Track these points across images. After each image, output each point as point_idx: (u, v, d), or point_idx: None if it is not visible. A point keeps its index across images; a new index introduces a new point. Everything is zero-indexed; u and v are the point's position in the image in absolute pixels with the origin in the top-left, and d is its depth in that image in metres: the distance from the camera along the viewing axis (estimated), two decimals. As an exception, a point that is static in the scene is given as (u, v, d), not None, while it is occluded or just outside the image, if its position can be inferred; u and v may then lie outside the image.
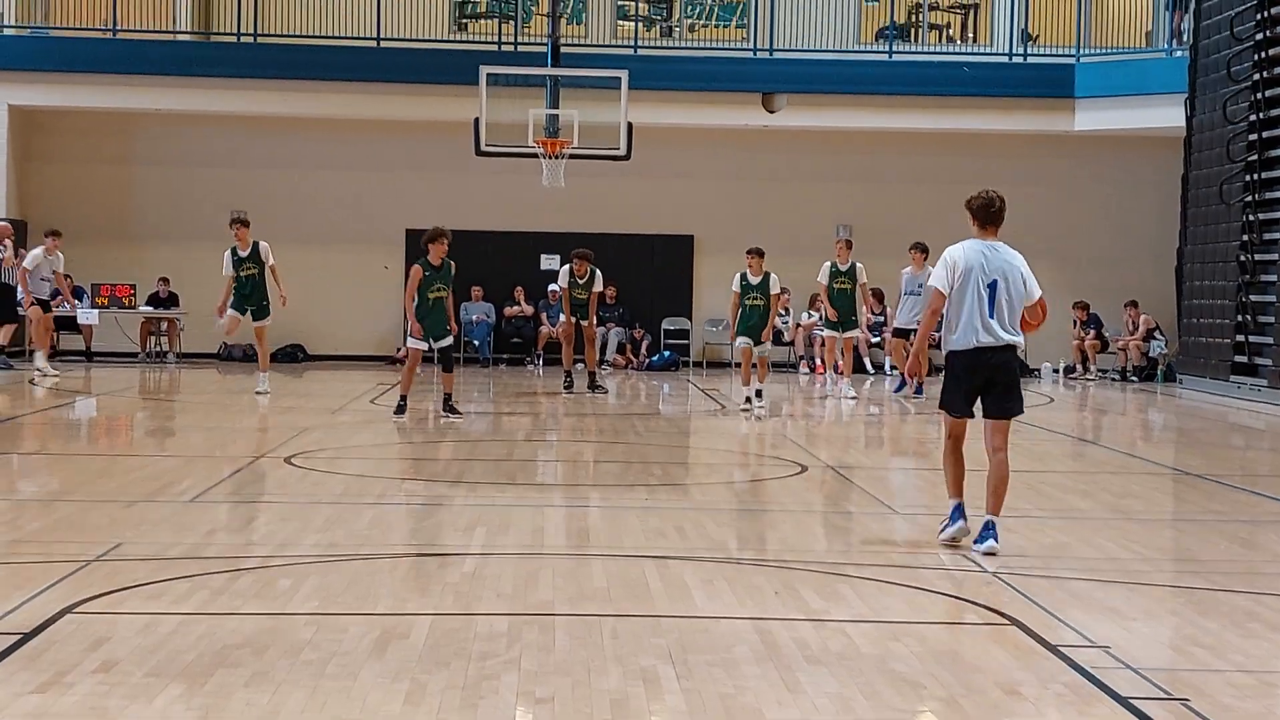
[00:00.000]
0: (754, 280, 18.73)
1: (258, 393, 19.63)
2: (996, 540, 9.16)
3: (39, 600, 7.45)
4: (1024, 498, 12.04)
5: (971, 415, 9.53)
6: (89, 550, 8.75)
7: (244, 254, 19.97)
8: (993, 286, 9.43)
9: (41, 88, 26.37)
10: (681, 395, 22.83)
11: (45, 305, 23.15)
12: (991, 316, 9.34)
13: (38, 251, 22.80)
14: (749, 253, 18.98)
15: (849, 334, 21.80)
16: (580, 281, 21.32)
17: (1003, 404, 9.39)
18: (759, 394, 18.80)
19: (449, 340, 17.20)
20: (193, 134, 27.82)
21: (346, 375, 24.64)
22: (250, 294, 19.85)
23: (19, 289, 23.13)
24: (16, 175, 26.77)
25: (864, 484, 12.73)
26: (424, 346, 17.06)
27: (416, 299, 16.94)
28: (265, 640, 6.80)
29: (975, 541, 9.27)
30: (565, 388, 21.26)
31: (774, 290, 18.77)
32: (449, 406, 17.22)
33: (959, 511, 9.46)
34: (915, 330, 21.28)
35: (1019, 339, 9.46)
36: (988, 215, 9.74)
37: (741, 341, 18.92)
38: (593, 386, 21.34)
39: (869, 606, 7.86)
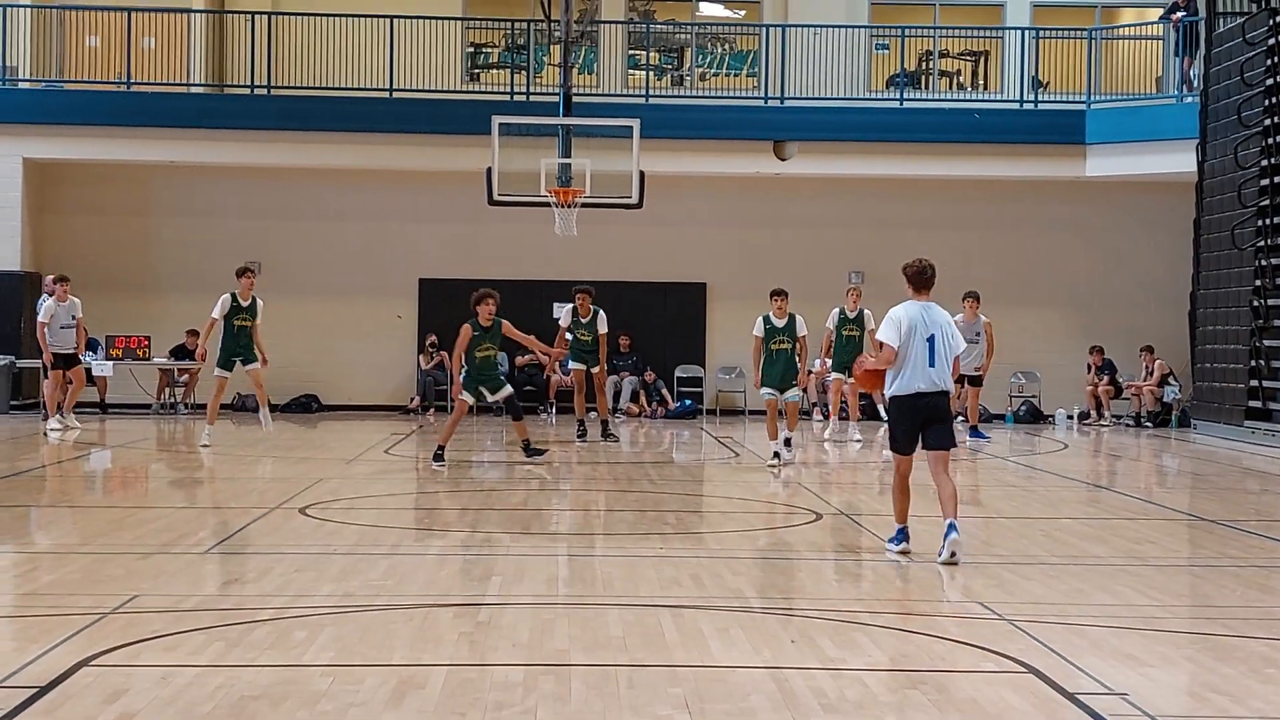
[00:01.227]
0: (779, 323, 17.71)
1: (266, 429, 20.03)
2: (957, 533, 10.67)
3: (55, 653, 7.45)
4: (1039, 545, 12.02)
5: (913, 451, 10.93)
6: (105, 602, 8.76)
7: (244, 304, 19.79)
8: (930, 340, 10.79)
9: (56, 140, 26.53)
10: (695, 443, 22.81)
11: (73, 359, 22.22)
12: (932, 365, 10.75)
13: (50, 302, 22.22)
14: (773, 294, 17.74)
15: (850, 380, 21.85)
16: (583, 321, 20.92)
17: (942, 438, 10.86)
18: (788, 443, 18.19)
19: (508, 390, 17.70)
20: (206, 185, 27.96)
21: (360, 425, 24.66)
22: (242, 345, 19.71)
23: (66, 342, 22.09)
24: (31, 227, 26.90)
25: (879, 531, 12.70)
26: (472, 400, 17.47)
27: (465, 359, 17.44)
28: (282, 691, 6.79)
29: (945, 536, 10.65)
30: (579, 437, 21.11)
31: (801, 333, 17.76)
32: (529, 449, 17.56)
33: (904, 533, 11.02)
34: (971, 376, 21.70)
35: (951, 386, 10.96)
36: (921, 281, 11.16)
37: (766, 393, 17.83)
38: (605, 435, 21.23)
39: (886, 654, 7.84)
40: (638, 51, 29.21)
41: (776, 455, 17.78)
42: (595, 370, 21.16)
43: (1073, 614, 8.95)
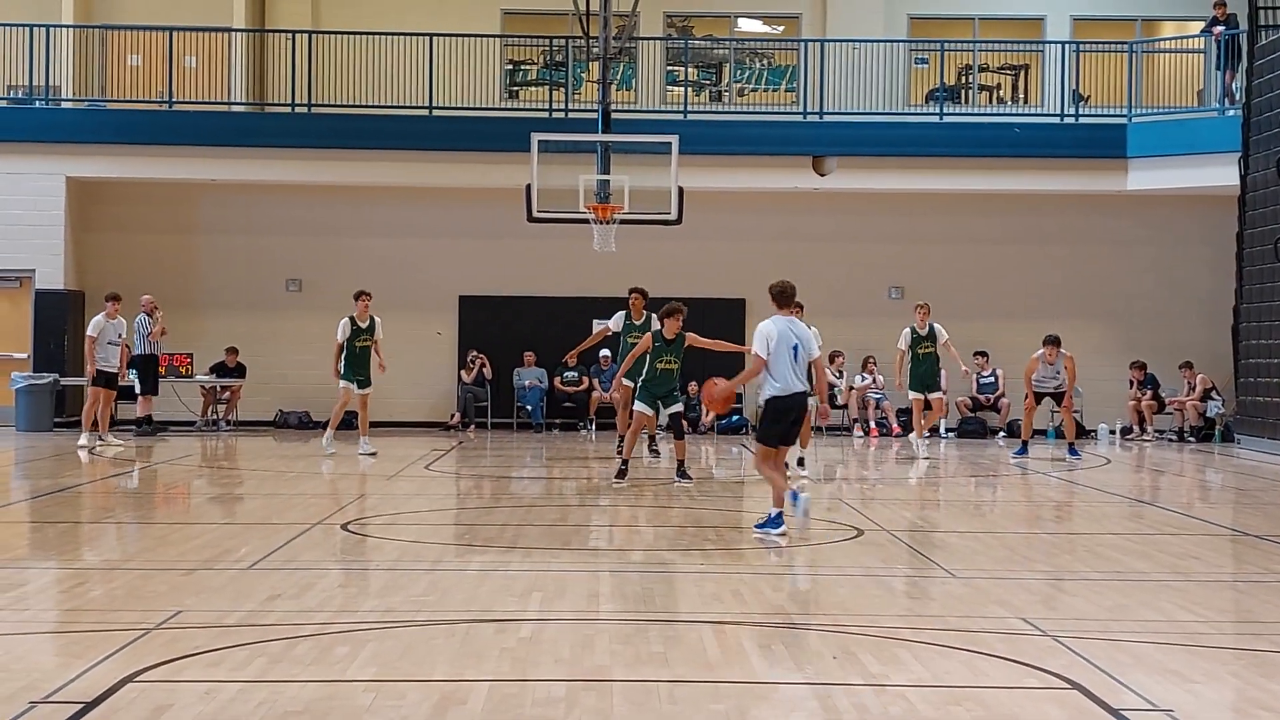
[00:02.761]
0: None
1: (363, 454, 20.89)
2: (806, 495, 12.84)
3: (100, 669, 7.49)
4: (1083, 560, 11.97)
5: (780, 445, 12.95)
6: (149, 618, 8.80)
7: (363, 325, 21.17)
8: (795, 349, 12.57)
9: (99, 160, 26.70)
10: (736, 458, 22.77)
11: (113, 379, 22.63)
12: (796, 367, 12.58)
13: (99, 318, 22.58)
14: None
15: (934, 395, 22.00)
16: (636, 325, 19.63)
17: (795, 433, 13.08)
18: (801, 462, 18.20)
19: (679, 406, 17.68)
20: (248, 203, 28.10)
21: (401, 441, 24.70)
22: (363, 365, 21.13)
23: (111, 359, 22.52)
24: (75, 246, 27.08)
25: (920, 547, 12.67)
26: (650, 412, 17.57)
27: (645, 366, 17.39)
28: (324, 707, 6.81)
29: (795, 500, 12.70)
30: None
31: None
32: (682, 472, 17.35)
33: (781, 517, 12.80)
34: (1050, 393, 22.46)
35: (809, 388, 13.02)
36: (784, 299, 12.85)
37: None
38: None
39: (929, 671, 7.81)
40: (676, 67, 29.24)
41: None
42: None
43: (1117, 630, 8.91)
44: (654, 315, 19.68)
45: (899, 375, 22.30)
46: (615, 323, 20.44)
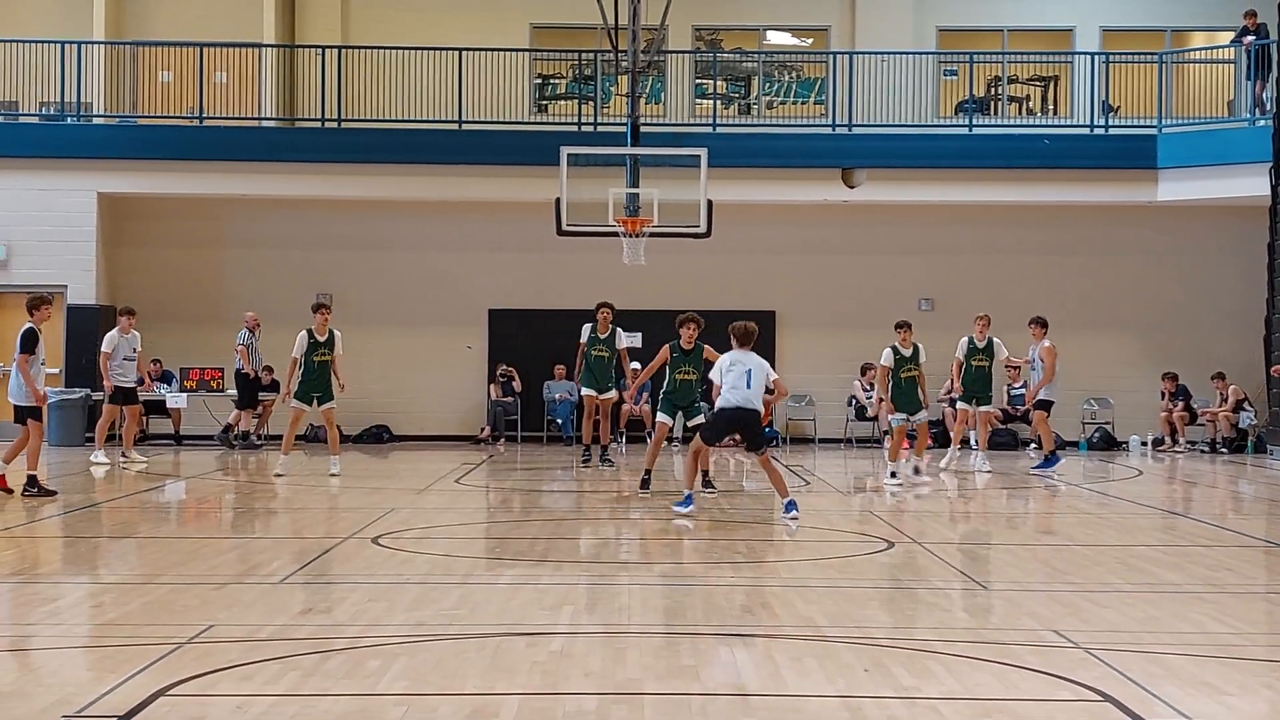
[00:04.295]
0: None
1: (331, 475, 19.81)
2: (796, 510, 14.90)
3: (133, 683, 7.51)
4: (1114, 572, 11.92)
5: (716, 444, 16.01)
6: (181, 632, 8.83)
7: (321, 339, 20.16)
8: (748, 373, 14.68)
9: (130, 175, 26.85)
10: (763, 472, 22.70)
11: (133, 394, 22.35)
12: (749, 389, 14.64)
13: (113, 333, 22.26)
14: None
15: (984, 409, 21.89)
16: (601, 338, 20.82)
17: (756, 443, 14.96)
18: (707, 481, 18.16)
19: (701, 418, 17.82)
20: (279, 218, 28.21)
21: (431, 455, 24.74)
22: (319, 380, 20.08)
23: (129, 373, 22.11)
24: (106, 261, 27.22)
25: (951, 559, 12.63)
26: (670, 421, 17.78)
27: (667, 376, 17.68)
28: (356, 721, 6.82)
29: (786, 511, 14.79)
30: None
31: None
32: (706, 482, 17.40)
33: (691, 498, 15.22)
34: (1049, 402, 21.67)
35: (760, 407, 14.94)
36: (746, 338, 14.93)
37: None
38: (603, 460, 21.12)
39: (961, 683, 7.78)
40: (704, 81, 29.26)
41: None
42: (607, 396, 21.03)
43: (1149, 642, 8.87)
44: (620, 330, 21.07)
45: (956, 382, 22.07)
46: (583, 336, 21.13)
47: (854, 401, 27.70)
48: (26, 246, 26.65)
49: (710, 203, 23.18)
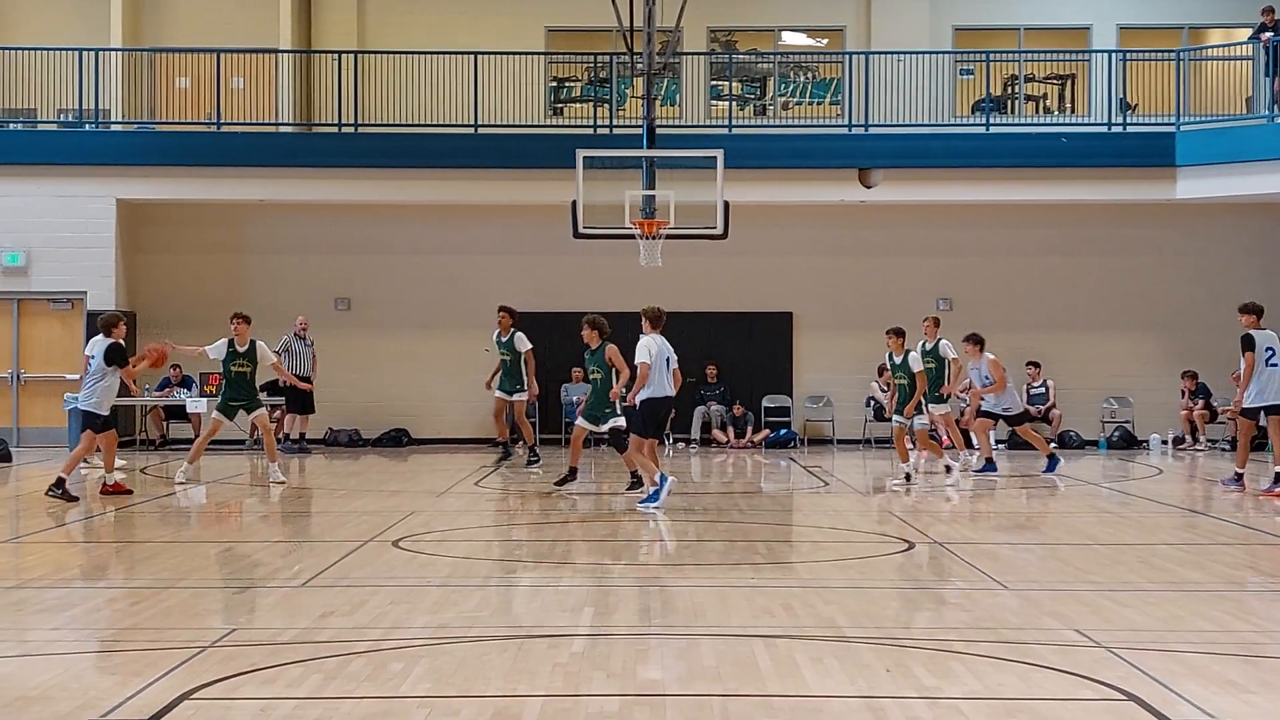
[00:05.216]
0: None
1: (274, 482, 19.49)
2: (671, 479, 16.26)
3: (157, 686, 7.54)
4: (1136, 570, 11.90)
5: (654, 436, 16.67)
6: (204, 636, 8.86)
7: (241, 349, 19.94)
8: (668, 360, 15.98)
9: (148, 181, 26.91)
10: (784, 472, 22.75)
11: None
12: (666, 375, 16.00)
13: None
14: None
15: (939, 409, 21.76)
16: (502, 341, 21.09)
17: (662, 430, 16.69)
18: (908, 477, 19.39)
19: (619, 420, 17.84)
20: (296, 222, 28.27)
21: (450, 458, 24.78)
22: (240, 392, 19.88)
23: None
24: (125, 267, 27.29)
25: (971, 559, 12.62)
26: (589, 425, 18.09)
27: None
28: (379, 723, 6.83)
29: (662, 486, 15.95)
30: (499, 460, 21.30)
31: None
32: (634, 485, 17.86)
33: (665, 477, 16.10)
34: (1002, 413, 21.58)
35: (674, 391, 16.45)
36: (657, 320, 16.53)
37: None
38: (530, 461, 21.73)
39: (982, 683, 7.78)
40: (720, 82, 29.26)
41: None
42: (517, 399, 21.39)
43: (1171, 640, 8.86)
44: (519, 333, 21.58)
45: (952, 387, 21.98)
46: (493, 340, 21.70)
47: (872, 402, 27.67)
48: (46, 253, 26.73)
49: (727, 204, 23.16)
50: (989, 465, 21.57)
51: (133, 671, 7.94)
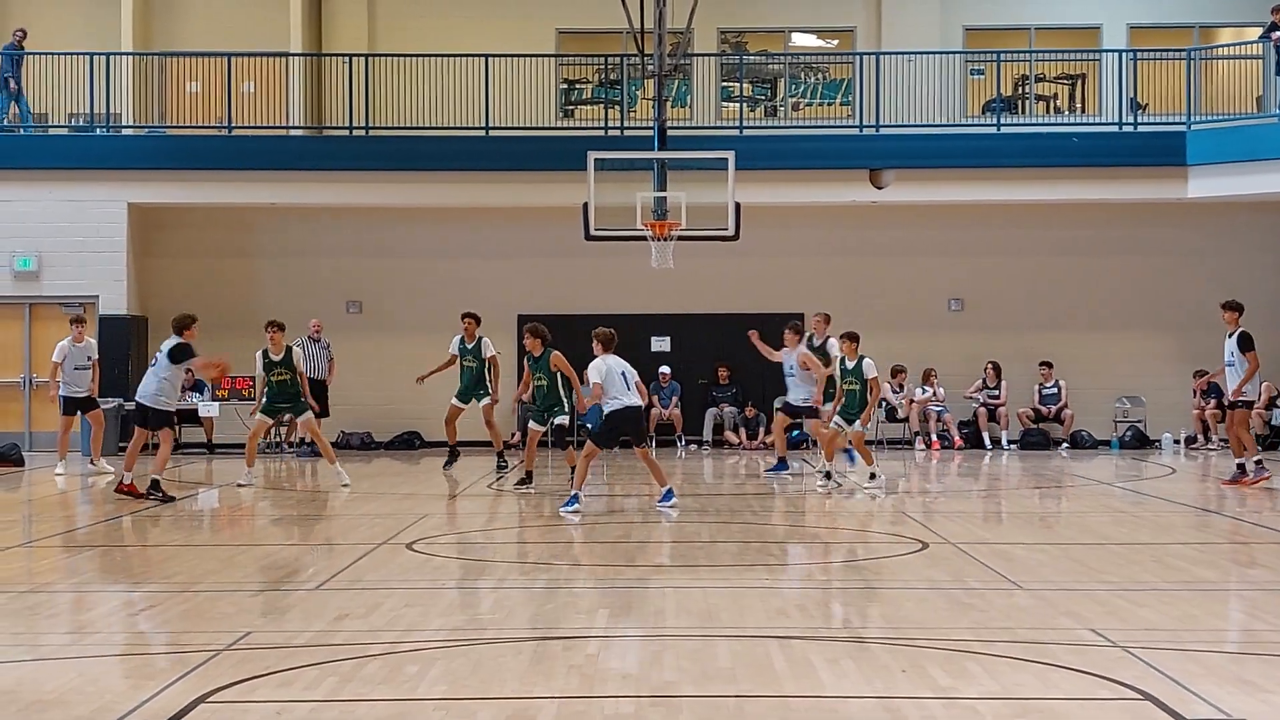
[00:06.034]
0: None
1: (343, 485, 19.61)
2: (675, 498, 16.66)
3: (172, 690, 7.55)
4: (1150, 570, 11.88)
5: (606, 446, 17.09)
6: (219, 639, 8.87)
7: (276, 358, 20.15)
8: (624, 374, 16.34)
9: (159, 185, 26.94)
10: (797, 474, 22.72)
11: (90, 402, 22.12)
12: (630, 389, 16.31)
13: (64, 342, 22.06)
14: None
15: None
16: (469, 348, 21.10)
17: (641, 439, 16.76)
18: (828, 475, 19.23)
19: (562, 419, 18.67)
20: (307, 226, 28.29)
21: (463, 460, 24.75)
22: (280, 397, 20.13)
23: (80, 383, 21.93)
24: (137, 271, 27.33)
25: (986, 559, 12.60)
26: (540, 427, 18.83)
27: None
28: (395, 726, 6.83)
29: (665, 499, 16.46)
30: (445, 466, 21.31)
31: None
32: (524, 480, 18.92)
33: (578, 497, 16.26)
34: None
35: (641, 401, 16.61)
36: (609, 343, 16.63)
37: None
38: (499, 468, 21.50)
39: (999, 683, 7.77)
40: (731, 83, 29.26)
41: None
42: (484, 404, 21.17)
43: (1187, 639, 8.85)
44: (486, 339, 21.38)
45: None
46: (453, 347, 21.43)
47: (884, 403, 27.63)
48: (58, 257, 26.77)
49: (738, 205, 23.14)
50: (781, 464, 21.47)
51: (148, 675, 7.95)
